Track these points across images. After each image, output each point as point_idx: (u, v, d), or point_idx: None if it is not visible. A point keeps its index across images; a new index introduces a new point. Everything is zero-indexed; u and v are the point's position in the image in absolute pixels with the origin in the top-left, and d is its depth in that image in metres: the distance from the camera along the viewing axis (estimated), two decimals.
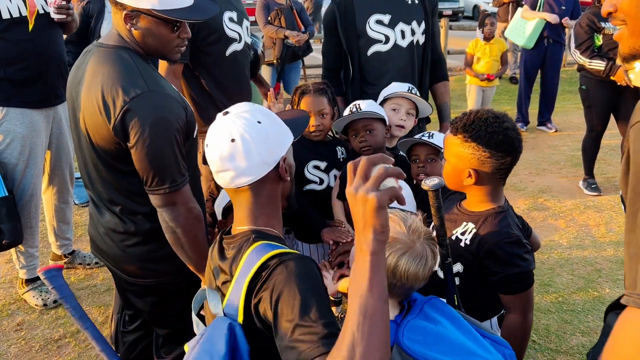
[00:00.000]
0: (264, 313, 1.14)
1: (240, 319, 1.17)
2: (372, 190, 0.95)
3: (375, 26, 2.60)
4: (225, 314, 1.21)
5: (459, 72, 10.56)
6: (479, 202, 1.71)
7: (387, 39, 2.62)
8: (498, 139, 1.57)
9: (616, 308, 1.01)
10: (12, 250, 3.10)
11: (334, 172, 2.41)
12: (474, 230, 1.66)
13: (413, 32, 2.67)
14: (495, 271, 1.62)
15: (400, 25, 2.63)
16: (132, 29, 1.69)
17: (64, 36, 3.21)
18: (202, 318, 1.39)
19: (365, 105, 2.30)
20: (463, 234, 1.69)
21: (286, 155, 1.32)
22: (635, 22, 1.02)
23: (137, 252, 1.82)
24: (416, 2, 2.68)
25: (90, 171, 1.81)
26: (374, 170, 0.98)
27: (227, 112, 1.30)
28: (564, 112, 7.36)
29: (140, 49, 1.74)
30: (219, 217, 2.16)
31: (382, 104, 2.50)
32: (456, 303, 1.42)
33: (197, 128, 1.86)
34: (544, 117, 6.69)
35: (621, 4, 1.04)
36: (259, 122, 1.26)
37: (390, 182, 0.99)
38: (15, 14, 2.77)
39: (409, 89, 2.48)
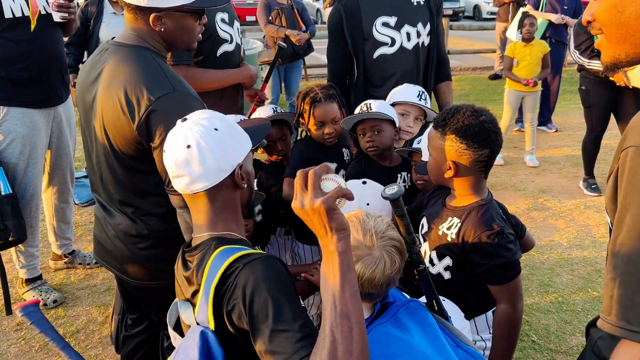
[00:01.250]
0: (237, 321, 1.15)
1: (211, 325, 1.17)
2: (316, 197, 1.01)
3: (382, 29, 2.59)
4: (198, 323, 1.22)
5: (459, 72, 10.57)
6: (462, 195, 1.74)
7: (393, 42, 2.62)
8: (474, 131, 1.62)
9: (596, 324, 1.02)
10: (12, 249, 3.11)
11: (342, 172, 2.41)
12: (459, 225, 1.70)
13: (419, 34, 2.66)
14: (480, 263, 1.65)
15: (406, 28, 2.62)
16: (162, 28, 1.70)
17: (65, 38, 3.21)
18: (179, 331, 1.39)
19: (377, 105, 2.29)
20: (449, 228, 1.73)
21: (243, 163, 1.33)
22: (611, 30, 1.02)
23: (148, 254, 1.79)
24: (421, 3, 2.67)
25: (103, 172, 1.78)
26: (308, 179, 1.03)
27: (185, 119, 1.31)
28: (564, 112, 7.36)
29: (163, 46, 1.75)
30: None
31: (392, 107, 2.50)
32: (436, 309, 1.40)
33: None
34: (545, 117, 6.69)
35: (597, 13, 1.04)
36: (216, 129, 1.28)
37: (331, 185, 1.04)
38: (18, 14, 2.78)
39: (419, 94, 2.46)
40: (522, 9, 6.47)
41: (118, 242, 1.82)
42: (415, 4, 2.66)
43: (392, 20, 2.60)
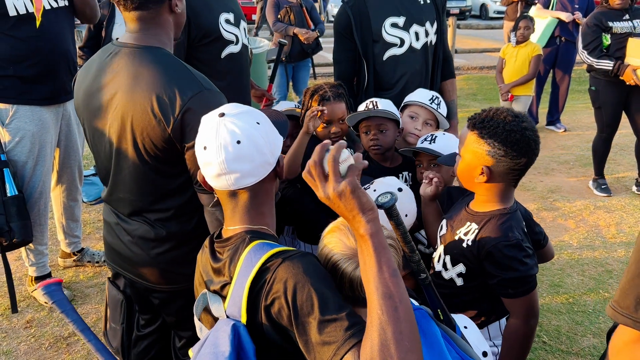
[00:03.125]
0: (276, 315, 1.13)
1: (243, 319, 1.16)
2: (337, 181, 1.03)
3: (391, 29, 2.55)
4: (227, 316, 1.20)
5: (466, 71, 10.53)
6: (486, 202, 1.68)
7: (402, 42, 2.58)
8: (515, 138, 1.55)
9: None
10: (22, 247, 3.11)
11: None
12: (477, 231, 1.64)
13: (427, 34, 2.63)
14: (493, 274, 1.60)
15: (415, 27, 2.59)
16: (177, 10, 1.69)
17: (77, 40, 3.20)
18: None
19: (382, 104, 2.28)
20: (466, 234, 1.68)
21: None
22: None
23: (167, 258, 1.77)
24: (428, 1, 2.65)
25: (120, 178, 1.73)
26: (324, 164, 1.05)
27: (222, 114, 1.28)
28: (573, 111, 7.32)
29: (172, 38, 1.73)
30: None
31: (403, 108, 2.49)
32: (441, 317, 1.37)
33: None
34: (554, 117, 6.65)
35: None
36: (258, 123, 1.27)
37: (345, 165, 1.05)
38: (22, 11, 2.77)
39: (432, 98, 2.44)
40: (533, 8, 6.42)
41: (135, 247, 1.78)
42: (422, 2, 2.63)
43: (400, 21, 2.56)
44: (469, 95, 8.70)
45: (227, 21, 2.52)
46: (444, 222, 1.83)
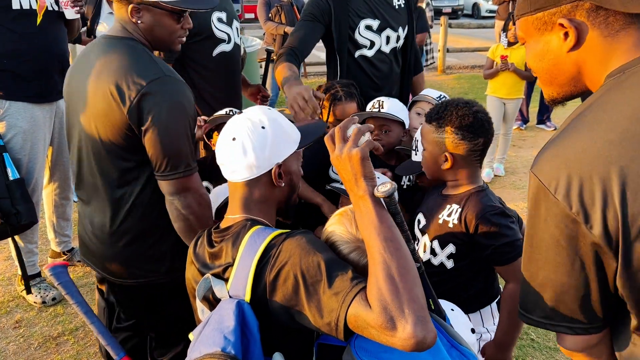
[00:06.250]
0: (282, 287, 1.15)
1: (247, 298, 1.19)
2: (353, 147, 1.15)
3: (365, 32, 2.54)
4: (230, 297, 1.23)
5: (458, 70, 10.57)
6: (458, 185, 1.79)
7: (373, 45, 2.58)
8: (469, 122, 1.68)
9: None
10: (11, 246, 3.10)
11: None
12: (460, 210, 1.73)
13: (398, 38, 2.63)
14: (486, 244, 1.67)
15: (387, 31, 2.58)
16: (139, 21, 1.70)
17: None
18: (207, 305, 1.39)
19: (388, 105, 2.29)
20: (449, 215, 1.76)
21: (284, 163, 1.36)
22: (539, 75, 1.11)
23: (126, 251, 1.79)
24: (402, 6, 2.65)
25: (84, 164, 1.79)
26: (348, 132, 1.19)
27: (242, 112, 1.38)
28: (563, 110, 7.31)
29: (146, 42, 1.75)
30: (212, 218, 2.14)
31: (411, 105, 2.51)
32: (432, 307, 1.40)
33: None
34: (544, 116, 6.69)
35: (527, 59, 1.13)
36: (263, 127, 1.32)
37: (363, 139, 1.19)
38: (26, 6, 2.79)
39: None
40: None
41: (95, 239, 1.83)
42: (397, 7, 2.62)
43: (375, 24, 2.55)
44: (461, 94, 8.74)
45: (220, 20, 2.52)
46: (420, 215, 1.89)
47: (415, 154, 2.06)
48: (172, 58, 2.44)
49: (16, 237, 3.06)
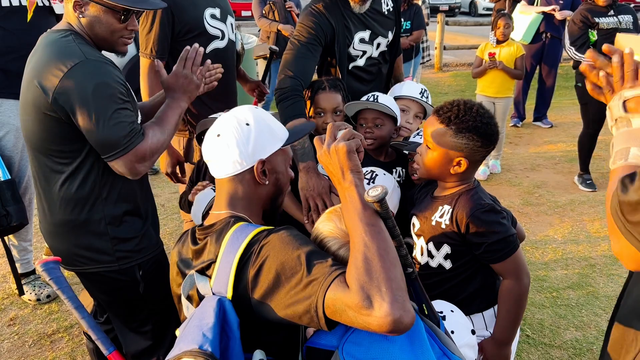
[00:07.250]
0: (264, 278, 1.15)
1: (229, 294, 1.19)
2: (341, 141, 1.20)
3: (358, 45, 2.51)
4: (214, 293, 1.23)
5: (455, 68, 10.57)
6: (452, 186, 1.78)
7: (364, 54, 2.56)
8: (489, 130, 1.68)
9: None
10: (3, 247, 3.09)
11: None
12: (451, 210, 1.73)
13: (387, 42, 2.62)
14: (478, 243, 1.67)
15: (378, 39, 2.57)
16: (81, 16, 1.72)
17: None
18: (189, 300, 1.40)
19: (383, 99, 2.28)
20: (442, 216, 1.75)
21: (269, 161, 1.37)
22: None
23: (59, 238, 1.86)
24: (391, 10, 2.63)
25: (31, 161, 1.83)
26: (339, 132, 1.25)
27: (230, 110, 1.40)
28: (559, 107, 7.37)
29: (90, 39, 1.75)
30: (198, 222, 2.11)
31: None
32: (426, 312, 1.39)
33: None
34: (540, 113, 6.69)
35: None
36: (247, 124, 1.34)
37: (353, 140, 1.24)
38: (15, 2, 2.77)
39: (421, 91, 2.45)
40: (518, 5, 6.45)
41: (42, 221, 1.90)
42: (386, 13, 2.59)
43: (366, 35, 2.52)
44: (457, 91, 8.74)
45: (213, 16, 2.50)
46: (414, 218, 1.88)
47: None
48: (164, 56, 2.42)
49: (10, 236, 3.06)
